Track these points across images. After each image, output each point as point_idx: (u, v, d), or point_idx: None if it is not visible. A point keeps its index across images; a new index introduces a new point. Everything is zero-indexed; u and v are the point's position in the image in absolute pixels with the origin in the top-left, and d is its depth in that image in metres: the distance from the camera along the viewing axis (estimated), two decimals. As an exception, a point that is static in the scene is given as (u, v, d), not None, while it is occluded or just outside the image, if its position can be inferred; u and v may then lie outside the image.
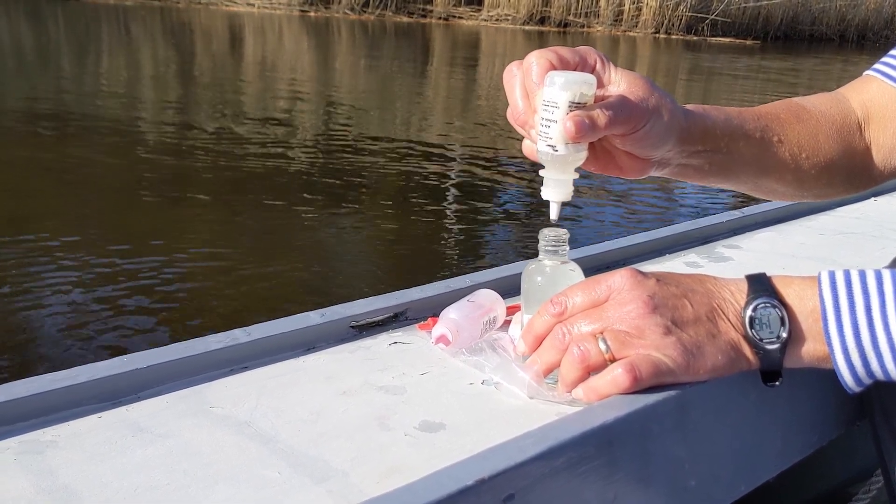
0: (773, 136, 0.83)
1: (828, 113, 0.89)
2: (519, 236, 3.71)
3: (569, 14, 17.82)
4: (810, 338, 0.64)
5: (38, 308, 2.61)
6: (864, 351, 0.62)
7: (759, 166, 0.83)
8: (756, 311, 0.65)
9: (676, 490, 0.67)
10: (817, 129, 0.87)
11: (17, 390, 0.64)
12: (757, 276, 0.67)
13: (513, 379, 0.71)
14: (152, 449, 0.61)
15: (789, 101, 0.91)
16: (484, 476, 0.52)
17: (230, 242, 3.41)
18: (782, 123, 0.85)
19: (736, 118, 0.81)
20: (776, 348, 0.64)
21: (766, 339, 0.64)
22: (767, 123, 0.83)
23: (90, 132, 5.37)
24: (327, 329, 0.81)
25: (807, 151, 0.86)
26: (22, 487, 0.56)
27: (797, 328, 0.65)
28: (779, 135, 0.84)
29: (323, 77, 9.27)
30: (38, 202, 3.81)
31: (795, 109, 0.88)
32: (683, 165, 0.78)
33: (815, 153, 0.86)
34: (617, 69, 0.72)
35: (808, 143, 0.86)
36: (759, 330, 0.64)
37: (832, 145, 0.88)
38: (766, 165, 0.83)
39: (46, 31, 12.02)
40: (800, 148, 0.85)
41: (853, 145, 0.90)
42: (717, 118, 0.79)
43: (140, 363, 0.70)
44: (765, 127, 0.83)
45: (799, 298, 0.65)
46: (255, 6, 17.30)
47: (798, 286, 0.66)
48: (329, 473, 0.58)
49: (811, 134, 0.86)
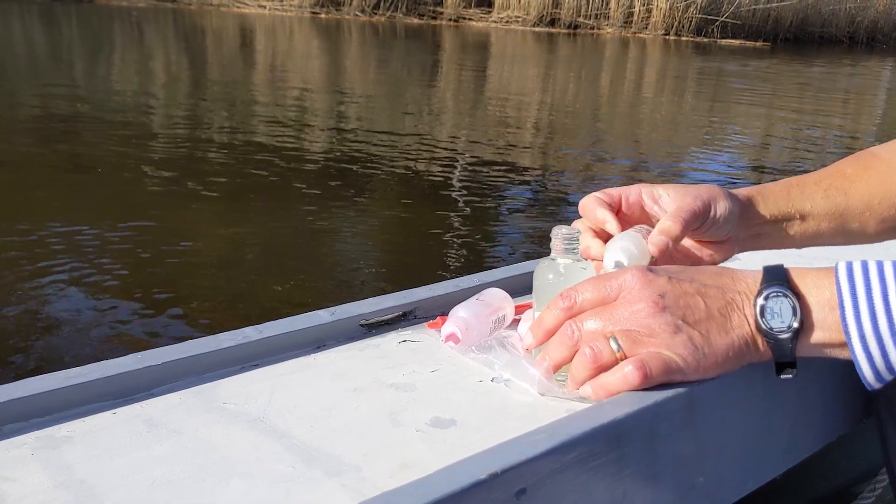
0: (836, 194, 0.88)
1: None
2: (527, 236, 3.71)
3: (579, 16, 17.82)
4: (826, 327, 0.64)
5: (52, 305, 2.62)
6: (882, 339, 0.62)
7: (833, 221, 0.89)
8: (767, 300, 0.65)
9: (685, 487, 0.67)
10: (889, 172, 0.90)
11: (32, 387, 0.65)
12: (773, 267, 0.67)
13: (523, 375, 0.71)
14: (167, 444, 0.62)
15: (861, 153, 0.94)
16: (496, 470, 0.52)
17: (240, 241, 3.42)
18: (848, 178, 0.89)
19: (795, 184, 0.88)
20: (787, 338, 0.64)
21: (776, 328, 0.64)
22: (831, 182, 0.88)
23: (103, 130, 5.40)
24: (337, 327, 0.82)
25: (880, 197, 0.89)
26: (39, 481, 0.57)
27: (811, 318, 0.64)
28: (845, 190, 0.88)
29: (333, 77, 9.29)
30: (51, 197, 3.83)
31: (864, 160, 0.92)
32: (756, 236, 0.86)
33: (889, 195, 0.89)
34: (660, 186, 0.82)
35: (878, 188, 0.89)
36: (769, 319, 0.64)
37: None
38: (839, 218, 0.88)
39: (60, 32, 12.08)
40: (871, 195, 0.88)
41: None
42: (773, 189, 0.86)
43: (153, 360, 0.71)
44: (828, 186, 0.88)
45: (816, 288, 0.65)
46: (267, 8, 17.35)
47: (814, 276, 0.66)
48: (342, 468, 0.59)
49: (881, 180, 0.89)
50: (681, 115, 8.00)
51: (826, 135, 7.50)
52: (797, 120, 8.13)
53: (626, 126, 7.37)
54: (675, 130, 7.21)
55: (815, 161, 6.12)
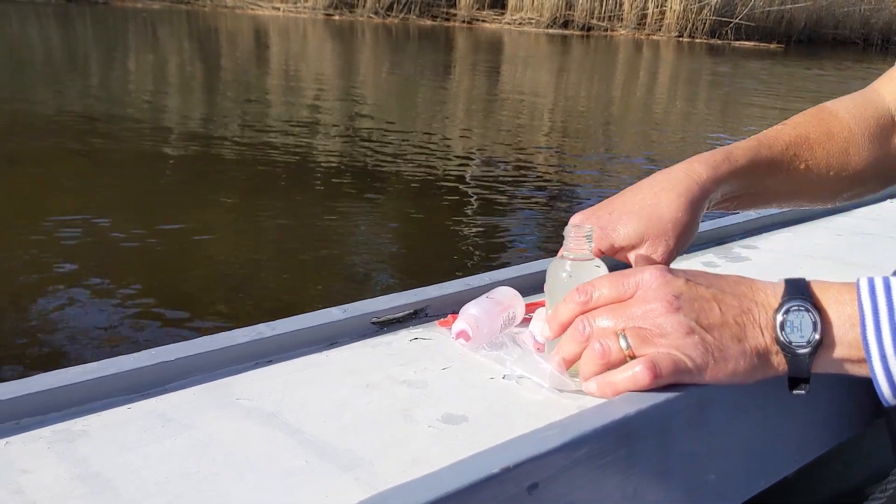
0: (800, 164, 0.87)
1: (860, 117, 0.91)
2: (538, 236, 3.72)
3: (592, 18, 17.81)
4: (845, 344, 0.63)
5: (68, 301, 2.64)
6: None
7: (788, 193, 0.89)
8: (788, 314, 0.63)
9: (696, 484, 0.67)
10: (848, 142, 0.90)
11: (48, 381, 0.66)
12: (795, 280, 0.66)
13: (535, 370, 0.72)
14: (181, 439, 0.62)
15: (821, 111, 0.93)
16: (509, 465, 0.53)
17: (254, 239, 3.44)
18: (811, 146, 0.88)
19: (765, 157, 0.85)
20: (806, 353, 0.63)
21: (795, 342, 0.63)
22: (796, 152, 0.87)
23: (118, 129, 5.44)
24: (349, 325, 0.83)
25: (835, 169, 0.89)
26: (57, 474, 0.57)
27: (831, 333, 0.63)
28: (806, 161, 0.87)
29: (346, 78, 9.31)
30: (68, 195, 3.87)
31: (826, 124, 0.91)
32: (717, 204, 0.85)
33: (844, 168, 0.89)
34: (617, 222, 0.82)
35: (837, 160, 0.89)
36: (789, 333, 0.63)
37: (863, 154, 0.90)
38: (794, 190, 0.89)
39: (76, 33, 12.15)
40: (828, 168, 0.89)
41: (886, 148, 0.92)
42: (741, 166, 0.84)
43: (167, 356, 0.71)
44: (793, 156, 0.87)
45: (837, 304, 0.64)
46: (280, 10, 17.40)
47: (836, 291, 0.65)
48: (355, 462, 0.60)
49: (841, 150, 0.89)
50: (694, 115, 7.98)
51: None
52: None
53: (639, 127, 7.36)
54: (688, 131, 7.19)
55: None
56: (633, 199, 0.83)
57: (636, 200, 0.82)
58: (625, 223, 0.81)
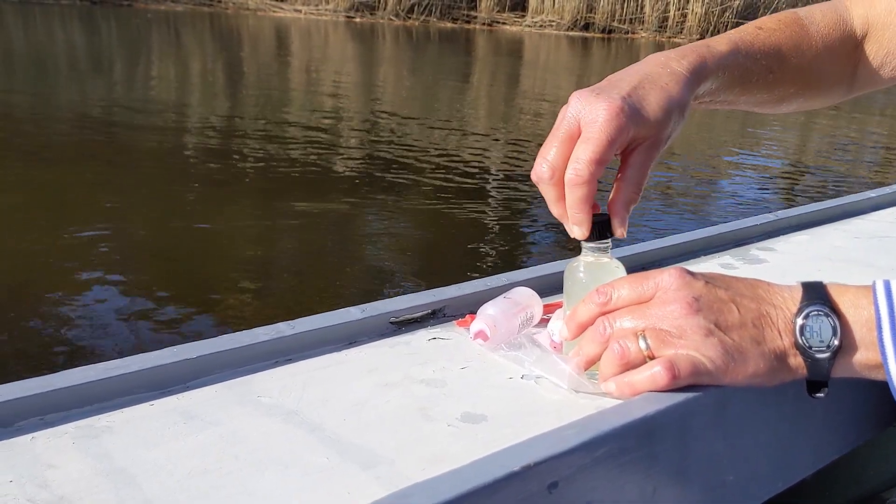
0: (769, 76, 0.88)
1: (829, 38, 0.94)
2: (557, 237, 3.71)
3: (613, 20, 17.76)
4: (863, 347, 0.63)
5: (93, 300, 2.67)
6: None
7: (749, 103, 0.91)
8: (808, 318, 0.63)
9: (714, 484, 0.67)
10: (814, 59, 0.93)
11: (73, 378, 0.67)
12: (812, 284, 0.66)
13: (554, 371, 0.72)
14: (203, 435, 0.63)
15: (794, 23, 0.94)
16: (530, 462, 0.53)
17: (274, 240, 3.46)
18: (782, 58, 0.89)
19: (741, 65, 0.85)
20: (826, 357, 0.63)
21: (815, 347, 0.63)
22: (767, 63, 0.88)
23: (142, 131, 5.48)
24: (368, 324, 0.83)
25: (798, 85, 0.93)
26: (81, 469, 0.58)
27: (850, 337, 0.63)
28: (774, 72, 0.89)
29: (367, 80, 9.34)
30: (92, 196, 3.90)
31: (797, 37, 0.92)
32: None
33: (806, 83, 0.94)
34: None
35: (801, 76, 0.92)
36: (809, 338, 0.63)
37: (825, 71, 0.95)
38: (756, 101, 0.91)
39: (100, 35, 12.26)
40: (792, 82, 0.92)
41: (847, 68, 0.97)
42: (719, 68, 0.82)
43: (189, 354, 0.72)
44: (764, 66, 0.88)
45: (854, 307, 0.64)
46: (302, 12, 17.48)
47: (853, 295, 0.64)
48: (375, 460, 0.60)
49: (806, 66, 0.92)
50: (716, 118, 7.94)
51: (863, 138, 7.41)
52: (833, 126, 8.04)
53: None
54: (711, 134, 7.16)
55: (850, 167, 6.04)
56: (635, 72, 0.77)
57: (638, 70, 0.77)
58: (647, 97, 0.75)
